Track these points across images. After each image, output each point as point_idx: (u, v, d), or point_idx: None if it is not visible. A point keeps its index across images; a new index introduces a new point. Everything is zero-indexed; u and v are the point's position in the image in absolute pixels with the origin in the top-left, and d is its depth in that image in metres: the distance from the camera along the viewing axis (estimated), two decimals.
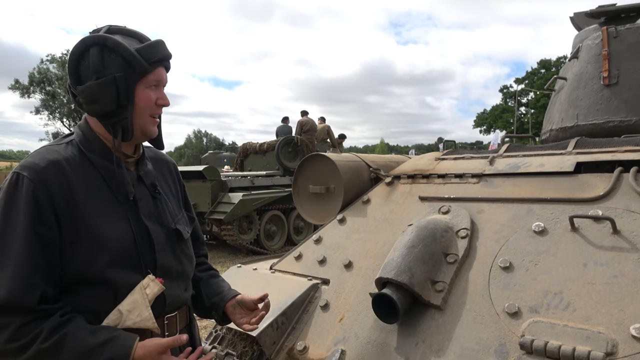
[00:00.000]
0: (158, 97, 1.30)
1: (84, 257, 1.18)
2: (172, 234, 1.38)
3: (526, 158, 2.04)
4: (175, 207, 1.45)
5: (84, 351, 1.12)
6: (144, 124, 1.29)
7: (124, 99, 1.23)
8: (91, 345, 1.12)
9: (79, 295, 1.20)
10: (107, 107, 1.23)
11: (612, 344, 1.25)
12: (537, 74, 45.68)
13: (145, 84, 1.26)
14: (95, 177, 1.25)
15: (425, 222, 1.79)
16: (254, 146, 11.15)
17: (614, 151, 1.85)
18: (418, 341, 1.52)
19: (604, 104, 2.50)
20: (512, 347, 1.36)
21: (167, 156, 1.58)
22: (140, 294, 1.22)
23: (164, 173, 1.49)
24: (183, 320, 1.43)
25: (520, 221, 1.71)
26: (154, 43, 1.28)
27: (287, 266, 2.15)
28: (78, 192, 1.20)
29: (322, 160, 2.43)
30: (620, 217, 1.54)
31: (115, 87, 1.21)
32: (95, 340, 1.13)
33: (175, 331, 1.36)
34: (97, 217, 1.21)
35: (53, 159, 1.21)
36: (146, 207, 1.33)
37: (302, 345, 1.73)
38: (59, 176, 1.19)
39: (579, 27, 3.09)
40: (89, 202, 1.21)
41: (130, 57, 1.22)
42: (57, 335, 1.11)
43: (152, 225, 1.32)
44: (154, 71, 1.27)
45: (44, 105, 35.98)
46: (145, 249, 1.29)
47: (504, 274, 1.56)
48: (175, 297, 1.36)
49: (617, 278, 1.39)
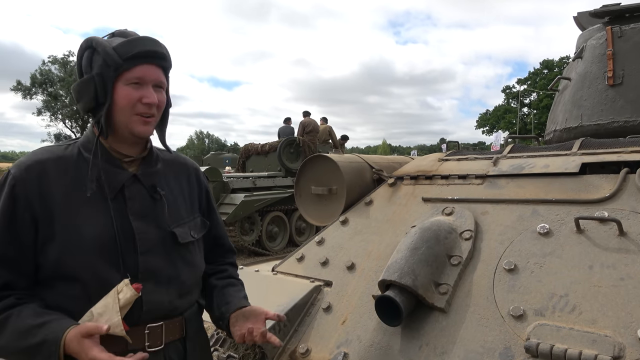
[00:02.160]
0: (142, 95, 1.25)
1: (58, 253, 1.19)
2: (167, 236, 1.33)
3: (530, 159, 2.03)
4: (184, 210, 1.41)
5: (22, 331, 1.14)
6: (128, 122, 1.26)
7: (102, 96, 1.24)
8: (29, 326, 1.14)
9: (54, 290, 1.21)
10: (88, 105, 1.25)
11: (619, 347, 1.23)
12: (539, 74, 45.60)
13: (124, 81, 1.24)
14: (85, 176, 1.25)
15: (429, 223, 1.77)
16: (256, 147, 11.15)
17: (619, 152, 1.83)
18: (422, 344, 1.50)
19: (608, 104, 2.48)
20: (517, 350, 1.35)
21: (189, 161, 1.55)
22: (112, 298, 1.18)
23: (179, 176, 1.45)
24: (175, 332, 1.33)
25: (525, 223, 1.70)
26: (133, 39, 1.26)
27: (289, 268, 2.14)
28: (60, 189, 1.22)
29: (325, 161, 2.42)
30: (626, 218, 1.52)
31: (93, 85, 1.23)
32: (34, 321, 1.14)
33: (160, 343, 1.28)
34: (77, 214, 1.22)
35: (41, 158, 1.24)
36: (138, 207, 1.29)
37: (304, 348, 1.72)
38: (40, 174, 1.22)
39: (583, 27, 3.07)
40: (72, 199, 1.22)
41: (104, 54, 1.22)
42: (3, 314, 1.15)
43: (142, 225, 1.28)
44: (134, 68, 1.24)
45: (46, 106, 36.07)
46: (127, 249, 1.24)
47: (508, 276, 1.54)
48: (158, 304, 1.28)
49: (623, 280, 1.37)
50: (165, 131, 1.41)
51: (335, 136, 12.38)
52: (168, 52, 1.32)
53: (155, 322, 1.28)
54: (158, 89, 1.29)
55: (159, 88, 1.29)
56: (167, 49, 1.32)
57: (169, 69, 1.33)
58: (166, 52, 1.30)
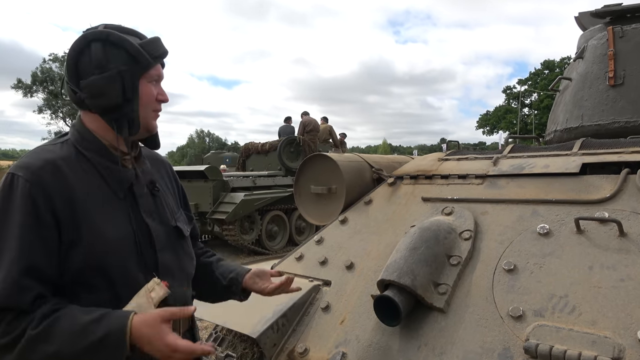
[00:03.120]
0: (158, 92, 1.32)
1: (84, 256, 1.15)
2: (172, 231, 1.36)
3: (531, 159, 2.02)
4: (174, 205, 1.45)
5: (77, 331, 1.07)
6: (147, 118, 1.30)
7: (130, 93, 1.24)
8: (84, 324, 1.07)
9: (79, 295, 1.17)
10: (113, 101, 1.22)
11: (619, 349, 1.22)
12: (540, 75, 45.57)
13: (147, 78, 1.28)
14: (93, 175, 1.24)
15: (428, 223, 1.76)
16: (256, 146, 11.15)
17: (620, 152, 1.82)
18: (420, 344, 1.50)
19: (609, 104, 2.48)
20: (517, 351, 1.34)
21: (162, 156, 1.58)
22: (145, 298, 1.18)
23: (161, 172, 1.49)
24: (186, 323, 1.39)
25: (525, 223, 1.69)
26: (155, 39, 1.31)
27: (288, 267, 2.13)
28: (76, 190, 1.18)
29: (324, 161, 2.41)
30: (627, 219, 1.52)
31: (121, 81, 1.22)
32: (88, 317, 1.08)
33: (178, 334, 1.29)
34: (97, 216, 1.19)
35: (49, 158, 1.19)
36: (146, 205, 1.31)
37: (302, 347, 1.71)
38: (56, 175, 1.16)
39: (584, 27, 3.06)
40: (88, 200, 1.19)
41: (136, 51, 1.24)
42: (48, 319, 1.07)
43: (153, 223, 1.31)
44: (155, 66, 1.30)
45: (46, 104, 36.05)
46: (146, 248, 1.26)
47: (508, 277, 1.54)
48: (177, 299, 1.31)
49: (623, 281, 1.37)
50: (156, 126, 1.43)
51: (336, 135, 12.38)
52: None
53: None
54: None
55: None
56: None
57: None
58: None
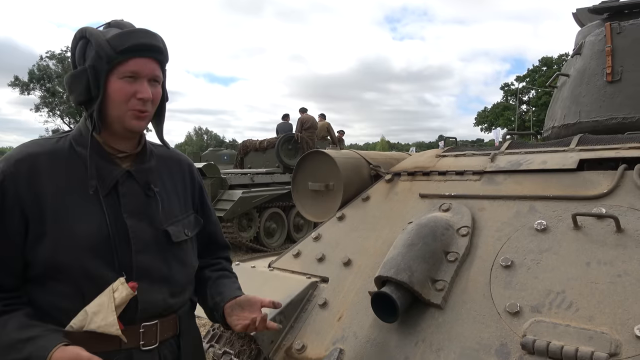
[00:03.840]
0: (137, 89, 1.21)
1: (50, 250, 1.15)
2: (160, 235, 1.30)
3: (528, 155, 2.02)
4: (177, 208, 1.38)
5: (6, 343, 1.09)
6: (122, 117, 1.22)
7: (94, 90, 1.20)
8: (14, 340, 1.09)
9: (46, 289, 1.18)
10: (80, 97, 1.22)
11: (616, 344, 1.22)
12: (538, 72, 45.60)
13: (118, 74, 1.20)
14: (78, 171, 1.22)
15: (426, 219, 1.76)
16: (254, 143, 11.14)
17: (617, 148, 1.82)
18: (418, 340, 1.50)
19: (607, 100, 2.47)
20: (514, 347, 1.34)
21: (183, 156, 1.52)
22: (107, 297, 1.16)
23: (173, 172, 1.43)
24: (169, 330, 1.32)
25: (522, 219, 1.69)
26: (128, 31, 1.21)
27: (286, 264, 2.13)
28: (52, 185, 1.18)
29: (322, 157, 2.41)
30: (624, 215, 1.52)
31: (86, 77, 1.19)
32: (19, 335, 1.10)
33: (154, 341, 1.27)
34: (70, 211, 1.18)
35: (31, 152, 1.21)
36: (132, 205, 1.27)
37: (300, 344, 1.71)
38: (31, 169, 1.18)
39: (582, 23, 3.05)
40: (65, 195, 1.19)
41: (97, 45, 1.18)
42: None
43: (136, 223, 1.26)
44: (128, 61, 1.20)
45: (44, 102, 35.91)
46: (122, 248, 1.22)
47: (505, 273, 1.54)
48: (153, 303, 1.26)
49: (620, 277, 1.37)
50: (162, 126, 1.37)
51: (334, 132, 12.36)
52: (165, 45, 1.27)
53: (149, 320, 1.26)
54: (153, 83, 1.25)
55: (154, 82, 1.26)
56: (164, 42, 1.27)
57: (165, 63, 1.29)
58: (162, 45, 1.26)
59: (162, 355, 1.29)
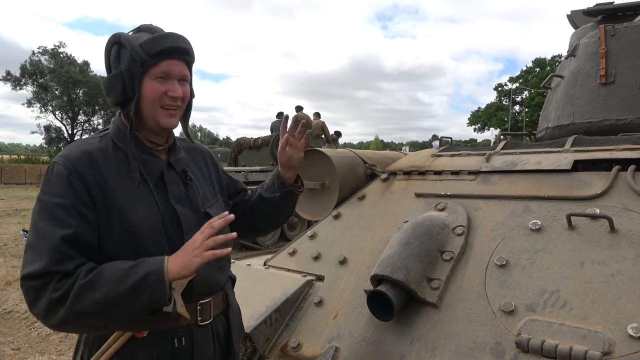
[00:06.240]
0: (168, 88, 1.33)
1: (115, 239, 1.26)
2: (202, 217, 1.41)
3: (523, 155, 2.03)
4: (209, 193, 1.53)
5: (119, 275, 1.18)
6: (155, 114, 1.34)
7: (130, 91, 1.32)
8: (125, 269, 1.19)
9: None
10: (117, 99, 1.34)
11: (609, 343, 1.24)
12: (531, 73, 45.84)
13: (151, 76, 1.32)
14: (125, 165, 1.34)
15: (421, 219, 1.77)
16: (248, 141, 11.12)
17: (611, 149, 1.84)
18: (413, 339, 1.51)
19: (600, 102, 2.50)
20: (508, 345, 1.35)
21: (203, 146, 1.68)
22: None
23: (199, 162, 1.58)
24: (219, 306, 1.45)
25: (517, 219, 1.70)
26: (158, 36, 1.33)
27: (281, 262, 2.13)
28: (109, 179, 1.29)
29: (318, 156, 2.41)
30: (617, 215, 1.53)
31: (122, 80, 1.31)
32: (128, 264, 1.21)
33: (209, 317, 1.40)
34: (127, 201, 1.29)
35: (86, 149, 1.32)
36: (176, 191, 1.40)
37: (295, 342, 1.71)
38: (91, 164, 1.28)
39: (576, 25, 3.08)
40: (120, 188, 1.30)
41: (132, 50, 1.29)
42: (93, 272, 1.19)
43: (182, 208, 1.39)
44: (160, 63, 1.31)
45: (36, 97, 35.58)
46: (174, 231, 1.34)
47: (500, 272, 1.55)
48: (207, 280, 1.39)
49: (614, 277, 1.38)
50: (188, 122, 1.50)
51: (328, 131, 12.36)
52: (191, 47, 1.39)
53: (204, 298, 1.39)
54: (182, 82, 1.37)
55: (183, 81, 1.37)
56: (191, 44, 1.39)
57: (192, 63, 1.41)
58: (189, 47, 1.38)
59: (215, 329, 1.43)
